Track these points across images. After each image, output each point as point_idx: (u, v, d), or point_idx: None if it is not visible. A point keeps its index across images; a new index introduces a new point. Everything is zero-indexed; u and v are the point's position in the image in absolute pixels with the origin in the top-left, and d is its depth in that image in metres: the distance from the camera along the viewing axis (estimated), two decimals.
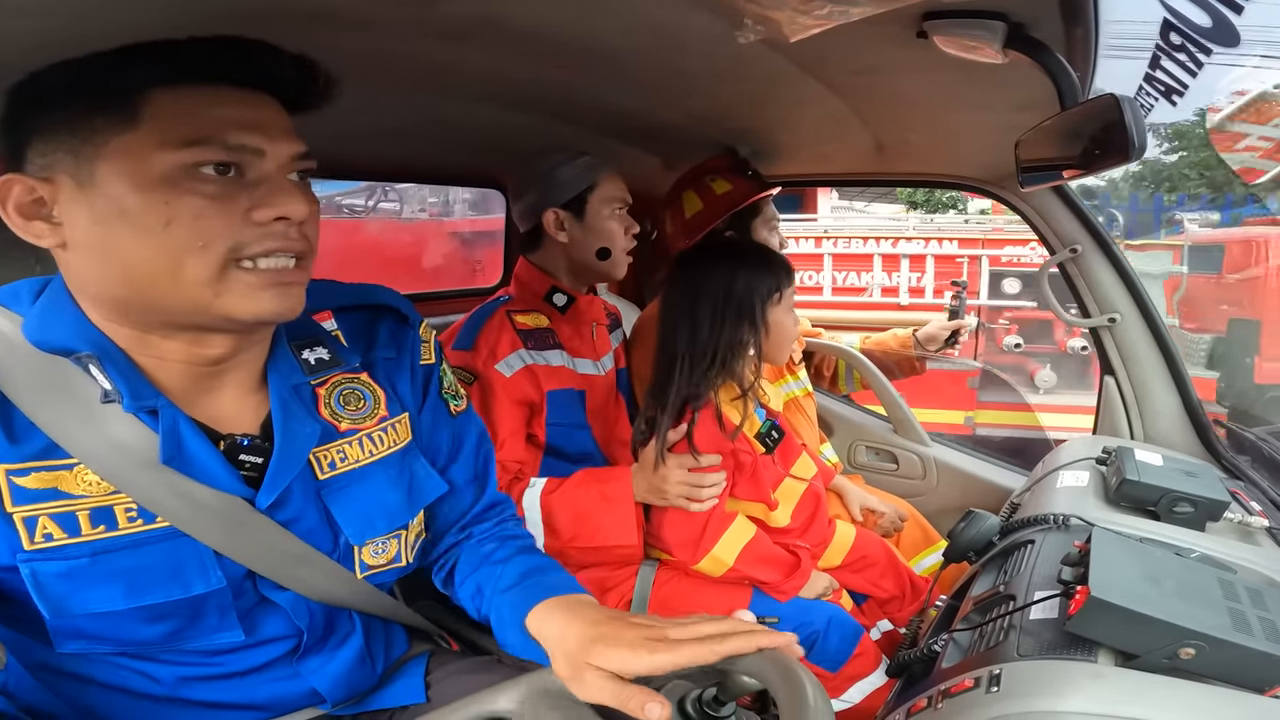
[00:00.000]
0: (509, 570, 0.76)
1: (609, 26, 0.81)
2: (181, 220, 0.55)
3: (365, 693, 0.78)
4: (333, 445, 0.71)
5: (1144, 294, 1.35)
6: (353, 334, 0.76)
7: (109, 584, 0.59)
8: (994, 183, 1.49)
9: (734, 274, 1.20)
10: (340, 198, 5.99)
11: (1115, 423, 1.40)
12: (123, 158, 0.55)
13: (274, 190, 0.58)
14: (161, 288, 0.57)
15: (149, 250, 0.55)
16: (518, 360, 1.17)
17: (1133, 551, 0.76)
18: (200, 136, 0.56)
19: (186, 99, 0.56)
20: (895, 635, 1.35)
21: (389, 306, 0.79)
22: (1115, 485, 1.03)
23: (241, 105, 0.58)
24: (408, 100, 1.07)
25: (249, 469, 0.65)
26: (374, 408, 0.75)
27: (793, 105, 1.18)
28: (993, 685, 0.68)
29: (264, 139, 0.59)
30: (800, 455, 1.38)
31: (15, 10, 0.54)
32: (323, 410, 0.71)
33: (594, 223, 1.27)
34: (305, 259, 0.62)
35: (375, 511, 0.73)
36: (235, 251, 0.57)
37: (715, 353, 1.18)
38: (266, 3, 0.62)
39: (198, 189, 0.56)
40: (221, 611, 0.65)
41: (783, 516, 1.28)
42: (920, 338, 1.90)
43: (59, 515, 0.58)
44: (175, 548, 0.61)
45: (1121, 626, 0.65)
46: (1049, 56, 0.76)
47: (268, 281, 0.59)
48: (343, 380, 0.73)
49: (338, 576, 0.71)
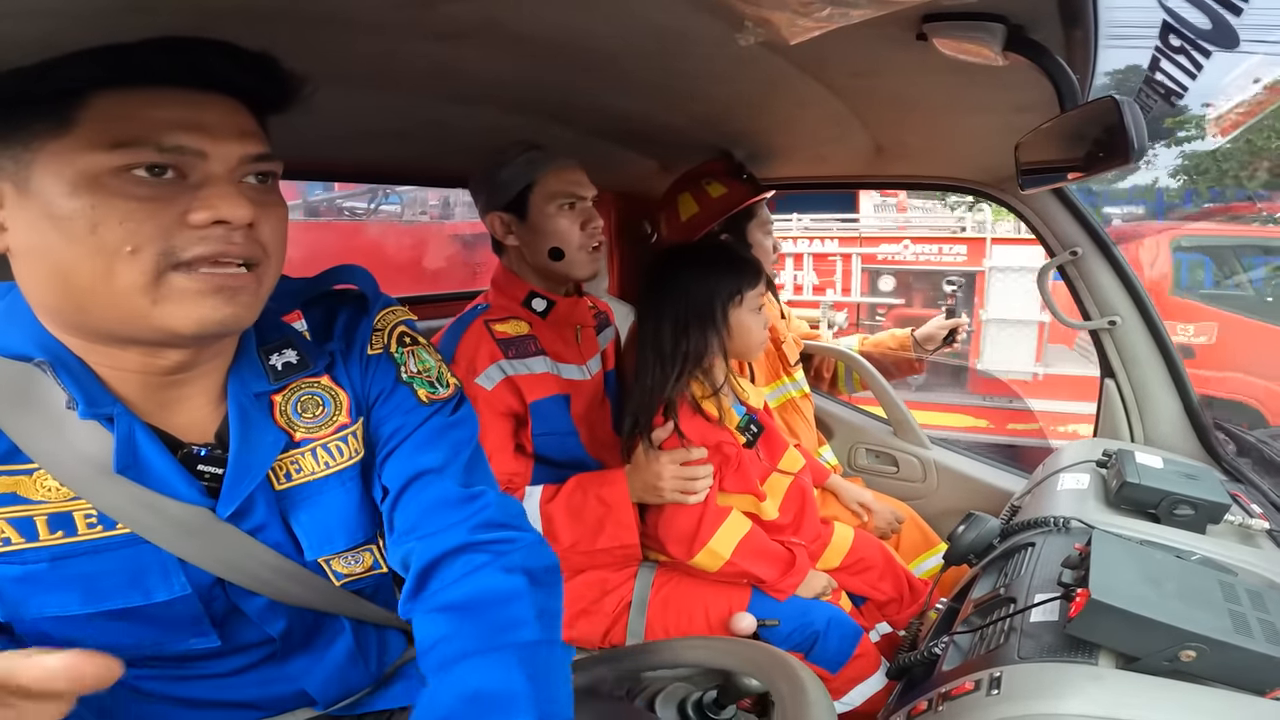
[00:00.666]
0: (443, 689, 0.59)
1: (607, 29, 0.81)
2: (108, 224, 0.52)
3: (362, 694, 0.77)
4: (287, 455, 0.68)
5: (1144, 296, 1.35)
6: (315, 330, 0.72)
7: (65, 589, 0.59)
8: (993, 185, 1.49)
9: (695, 278, 1.23)
10: (342, 200, 6.01)
11: (1115, 425, 1.40)
12: (54, 162, 0.53)
13: (214, 193, 0.55)
14: (95, 297, 0.54)
15: (78, 256, 0.53)
16: (497, 372, 1.15)
17: (1133, 554, 0.76)
18: (131, 138, 0.53)
19: (124, 102, 0.54)
20: (894, 638, 1.35)
21: (351, 292, 0.74)
22: (1116, 488, 1.03)
23: (183, 106, 0.56)
24: (406, 102, 1.06)
25: (209, 479, 0.63)
26: (333, 414, 0.70)
27: (791, 107, 1.18)
28: (993, 688, 0.68)
29: (206, 140, 0.56)
30: (786, 450, 1.38)
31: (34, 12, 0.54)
32: (278, 418, 0.68)
33: (538, 222, 1.20)
34: (259, 266, 0.59)
35: (334, 526, 0.70)
36: (169, 256, 0.54)
37: (683, 354, 1.20)
38: (264, 5, 0.62)
39: (128, 191, 0.53)
40: (194, 619, 0.64)
41: (771, 509, 1.29)
42: (918, 337, 1.91)
43: (16, 520, 0.57)
44: (136, 554, 0.61)
45: (1122, 629, 0.65)
46: (1048, 59, 0.76)
47: (209, 286, 0.55)
48: (302, 385, 0.69)
49: (313, 584, 0.70)
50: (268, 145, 0.61)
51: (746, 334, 1.26)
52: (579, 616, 1.20)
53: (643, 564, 1.24)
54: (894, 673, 0.94)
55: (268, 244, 0.60)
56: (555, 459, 1.23)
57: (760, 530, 1.24)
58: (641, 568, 1.23)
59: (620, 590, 1.21)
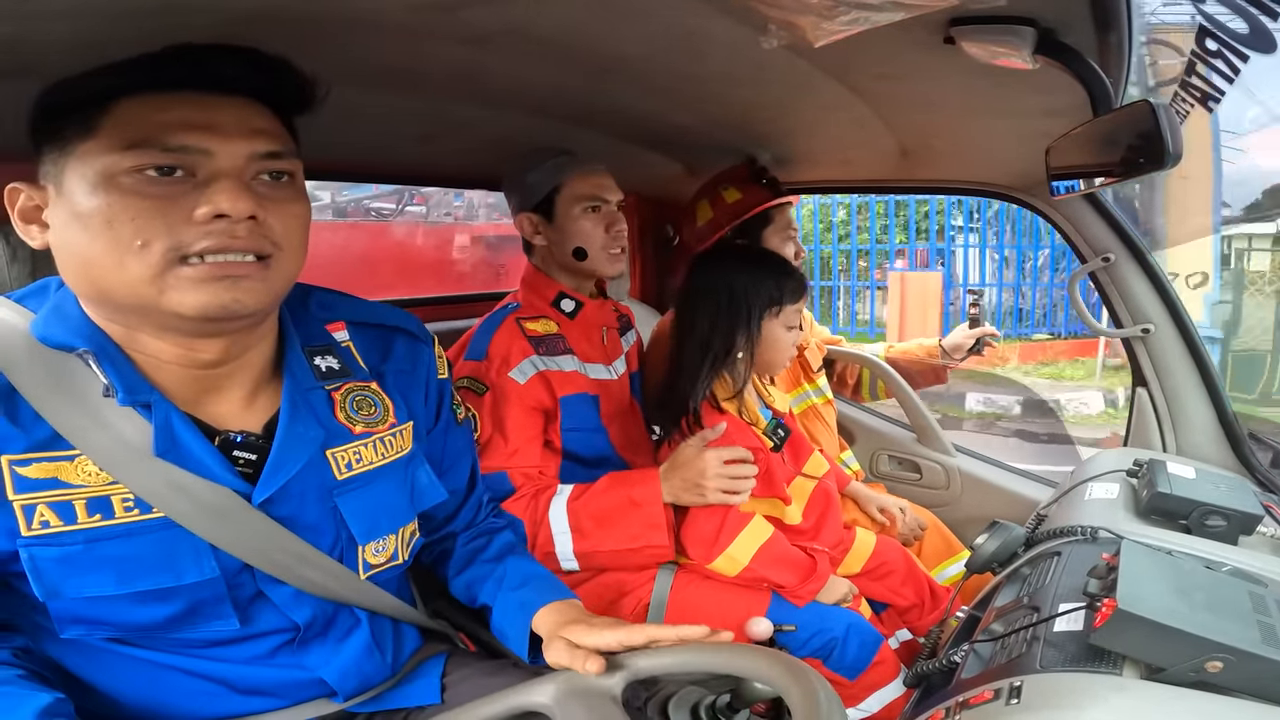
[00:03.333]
0: (510, 571, 0.86)
1: (630, 33, 0.82)
2: (121, 220, 0.57)
3: (380, 689, 0.79)
4: (349, 446, 0.73)
5: (1178, 304, 1.32)
6: (367, 346, 0.79)
7: (101, 570, 0.61)
8: (1022, 189, 1.47)
9: (738, 274, 1.23)
10: (370, 201, 6.13)
11: (1147, 435, 1.37)
12: (80, 164, 0.58)
13: (217, 188, 0.58)
14: (111, 286, 0.59)
15: (97, 250, 0.58)
16: (530, 367, 1.17)
17: (1162, 564, 0.74)
18: (141, 139, 0.57)
19: (141, 107, 0.58)
20: (914, 645, 1.34)
21: (402, 328, 0.83)
22: (1146, 498, 1.01)
23: (192, 108, 0.59)
24: (432, 105, 1.08)
25: (243, 465, 0.67)
26: (384, 414, 0.78)
27: (816, 110, 1.18)
28: (1013, 697, 0.67)
29: (212, 139, 0.59)
30: (812, 454, 1.37)
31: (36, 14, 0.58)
32: (338, 414, 0.74)
33: (564, 223, 1.25)
34: (270, 258, 0.62)
35: (381, 513, 0.76)
36: (176, 250, 0.58)
37: (714, 350, 1.20)
38: (290, 9, 0.64)
39: (140, 190, 0.57)
40: (217, 600, 0.67)
41: (795, 514, 1.28)
42: (946, 346, 1.90)
43: (56, 504, 0.60)
44: (170, 538, 0.63)
45: (1148, 639, 0.64)
46: (1081, 63, 0.75)
47: (211, 274, 0.59)
48: (354, 388, 0.76)
49: (338, 575, 0.72)
50: (284, 144, 0.64)
51: (774, 348, 1.25)
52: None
53: (663, 566, 1.24)
54: (912, 680, 0.93)
55: (279, 238, 0.62)
56: (583, 455, 1.25)
57: (781, 536, 1.23)
58: (661, 569, 1.23)
59: (639, 592, 1.21)
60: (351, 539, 0.73)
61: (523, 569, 0.86)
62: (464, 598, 0.89)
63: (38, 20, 0.60)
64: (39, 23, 0.60)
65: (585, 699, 0.64)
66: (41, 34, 0.62)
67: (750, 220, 1.54)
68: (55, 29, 0.61)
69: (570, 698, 0.64)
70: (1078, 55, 0.73)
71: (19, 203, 0.62)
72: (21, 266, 0.88)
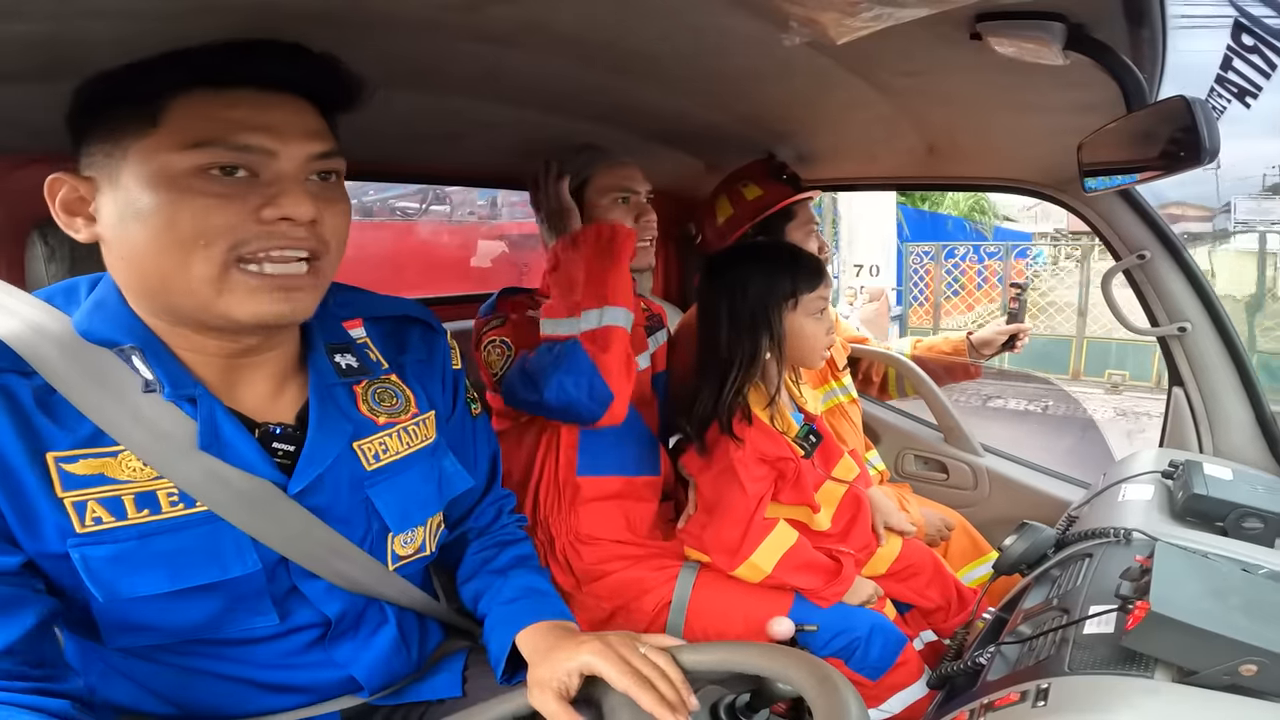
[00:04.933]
0: (509, 585, 0.83)
1: (651, 30, 0.82)
2: (183, 219, 0.57)
3: (404, 683, 0.80)
4: (375, 438, 0.74)
5: (1216, 302, 1.29)
6: (383, 339, 0.80)
7: (154, 567, 0.61)
8: (1054, 186, 1.44)
9: (750, 278, 1.20)
10: (395, 200, 6.21)
11: (1183, 436, 1.33)
12: (140, 160, 0.58)
13: (282, 191, 0.59)
14: (170, 285, 0.59)
15: (157, 248, 0.58)
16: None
17: (1197, 567, 0.73)
18: (206, 138, 0.57)
19: (202, 103, 0.58)
20: (939, 646, 1.32)
21: (417, 318, 0.83)
22: (1182, 499, 0.99)
23: (254, 106, 0.59)
24: (455, 103, 1.09)
25: (281, 457, 0.68)
26: (405, 405, 0.78)
27: (839, 107, 1.17)
28: (1040, 699, 0.66)
29: (275, 139, 0.59)
30: (841, 457, 1.36)
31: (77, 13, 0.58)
32: (361, 406, 0.75)
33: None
34: (318, 260, 0.63)
35: (412, 502, 0.76)
36: (237, 249, 0.58)
37: (736, 360, 1.18)
38: (314, 8, 0.64)
39: (204, 189, 0.57)
40: (257, 595, 0.67)
41: (824, 520, 1.27)
42: (975, 342, 1.85)
43: (106, 500, 0.60)
44: (213, 531, 0.64)
45: (1181, 642, 0.63)
46: (1113, 58, 0.73)
47: (269, 284, 0.60)
48: (375, 382, 0.77)
49: (368, 567, 0.73)
50: (333, 143, 0.65)
51: (803, 340, 1.21)
52: (616, 613, 1.22)
53: (685, 565, 1.25)
54: (936, 682, 0.93)
55: (328, 239, 0.64)
56: (595, 445, 1.24)
57: (806, 543, 1.22)
58: (684, 568, 1.24)
59: (660, 591, 1.22)
60: (383, 529, 0.74)
61: (522, 583, 0.83)
62: (470, 607, 0.87)
63: (75, 19, 0.60)
64: (76, 21, 0.60)
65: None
66: (79, 32, 0.62)
67: (772, 217, 1.54)
68: (93, 27, 0.61)
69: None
70: (1109, 50, 0.72)
71: (61, 194, 0.61)
72: (59, 265, 0.89)
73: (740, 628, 1.17)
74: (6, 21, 0.59)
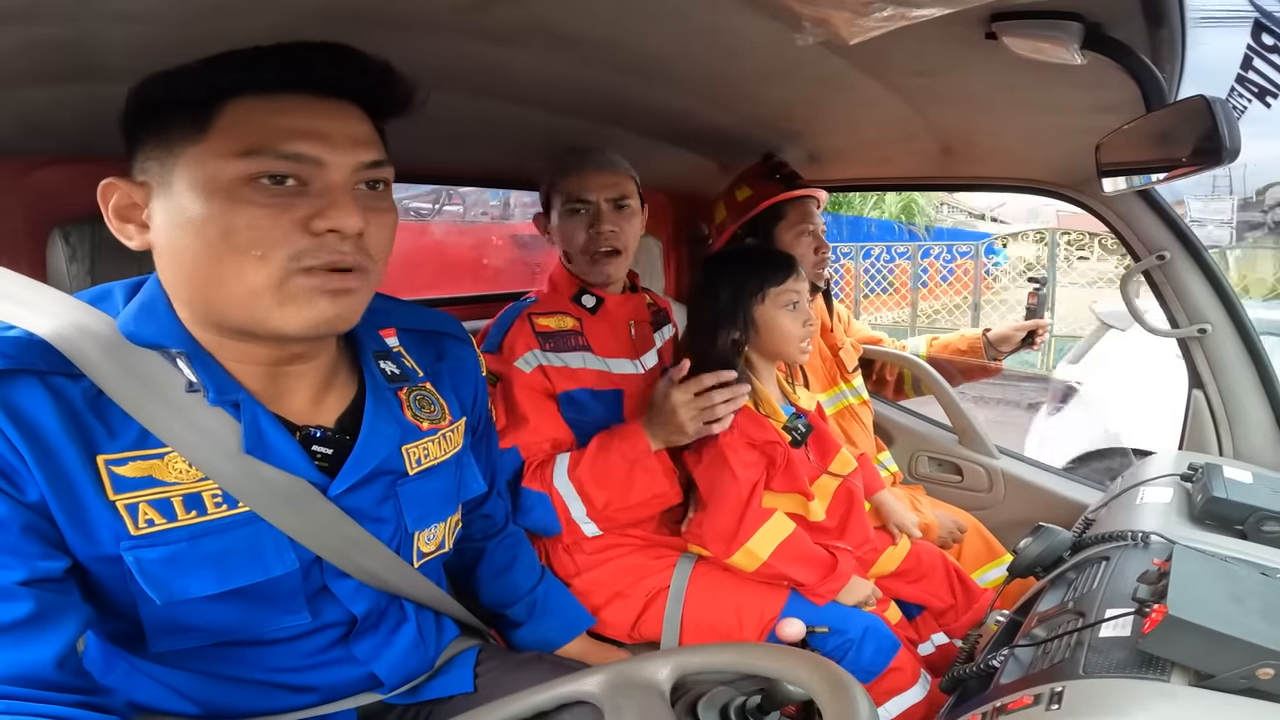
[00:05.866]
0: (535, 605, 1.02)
1: (661, 30, 0.82)
2: (237, 229, 0.56)
3: (420, 680, 0.81)
4: (420, 443, 0.76)
5: (1237, 304, 1.27)
6: (418, 347, 0.82)
7: (202, 568, 0.62)
8: (1070, 186, 1.43)
9: (723, 281, 1.24)
10: (409, 200, 6.26)
11: (1203, 438, 1.31)
12: (192, 167, 0.57)
13: (331, 202, 0.58)
14: (223, 294, 0.59)
15: (210, 257, 0.57)
16: (533, 358, 1.20)
17: (1216, 570, 0.72)
18: (255, 147, 0.56)
19: (252, 110, 0.57)
20: (950, 649, 1.31)
21: (448, 332, 0.86)
22: (1200, 503, 0.98)
23: (304, 114, 0.58)
24: (465, 104, 1.09)
25: (320, 459, 0.68)
26: (442, 413, 0.81)
27: (852, 107, 1.17)
28: (1054, 702, 0.66)
29: (325, 148, 0.59)
30: (838, 452, 1.35)
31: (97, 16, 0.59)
32: (407, 412, 0.76)
33: (555, 224, 1.28)
34: (363, 271, 0.62)
35: (433, 504, 0.78)
36: (295, 260, 0.58)
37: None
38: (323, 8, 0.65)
39: (254, 199, 0.57)
40: (292, 594, 0.68)
41: (818, 510, 1.27)
42: (992, 339, 1.82)
43: (157, 501, 0.60)
44: (255, 532, 0.64)
45: (1199, 645, 0.62)
46: (1131, 57, 0.73)
47: (326, 289, 0.59)
48: (415, 389, 0.79)
49: (394, 566, 0.74)
50: (382, 152, 0.64)
51: (775, 331, 1.23)
52: (612, 600, 1.21)
53: (683, 556, 1.25)
54: (948, 685, 0.92)
55: (375, 250, 0.63)
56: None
57: (803, 533, 1.22)
58: (681, 559, 1.24)
59: (657, 577, 1.22)
60: (408, 528, 0.76)
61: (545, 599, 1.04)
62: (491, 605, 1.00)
63: (95, 22, 0.60)
64: (97, 24, 0.61)
65: (634, 693, 0.63)
66: (100, 36, 0.62)
67: (761, 218, 1.51)
68: (113, 30, 0.61)
69: (619, 690, 0.64)
70: (1128, 50, 0.72)
71: (114, 199, 0.61)
72: (80, 265, 0.89)
73: (733, 621, 1.17)
74: (27, 24, 0.59)
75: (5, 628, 0.53)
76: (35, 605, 0.54)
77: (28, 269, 0.92)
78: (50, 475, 0.56)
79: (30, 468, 0.55)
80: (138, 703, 0.70)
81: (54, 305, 0.62)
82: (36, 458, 0.55)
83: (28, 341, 0.58)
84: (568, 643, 1.05)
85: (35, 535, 0.56)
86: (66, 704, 0.54)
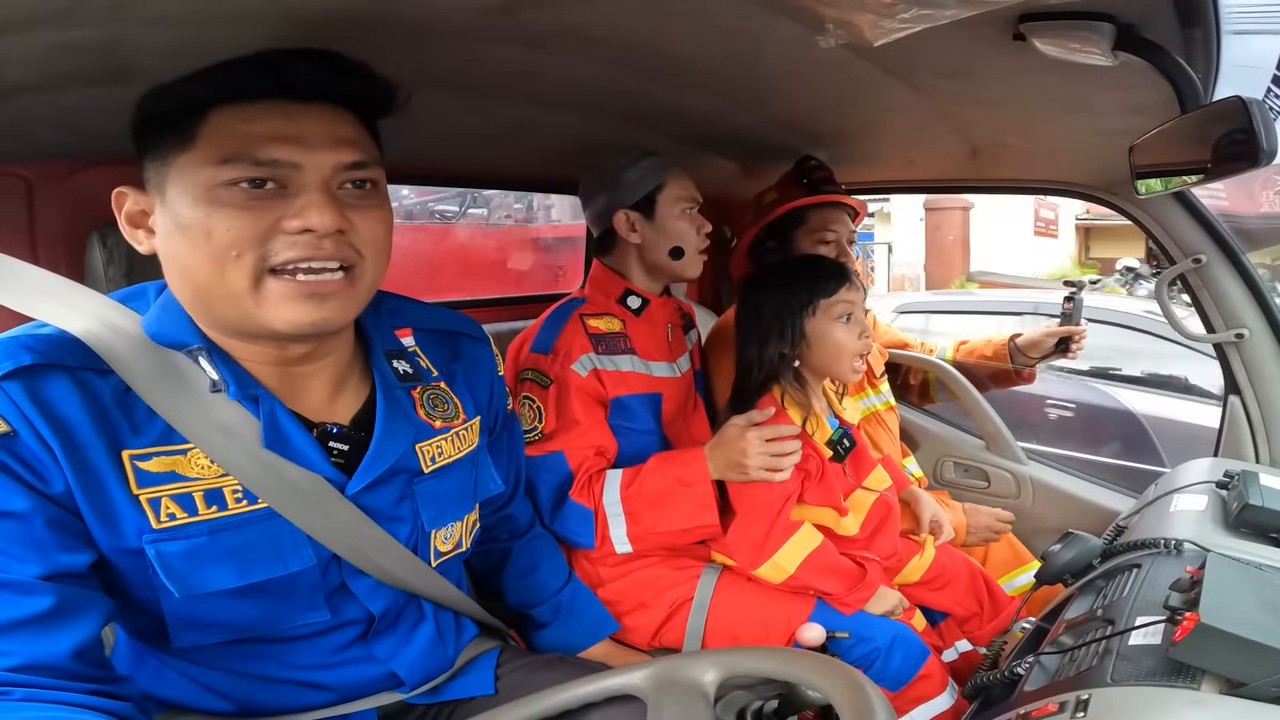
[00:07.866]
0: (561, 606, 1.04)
1: (686, 33, 0.82)
2: (218, 232, 0.59)
3: (440, 681, 0.81)
4: (433, 441, 0.77)
5: (1275, 308, 1.23)
6: (433, 347, 0.83)
7: (223, 562, 0.63)
8: (1104, 189, 1.41)
9: (769, 293, 1.22)
10: (434, 203, 6.35)
11: (1240, 445, 1.28)
12: (182, 175, 0.60)
13: (305, 202, 0.60)
14: (214, 296, 0.61)
15: (198, 260, 0.60)
16: (589, 362, 1.20)
17: (1250, 578, 0.70)
18: (233, 154, 0.59)
19: (231, 118, 0.60)
20: (974, 656, 1.29)
21: (464, 332, 0.87)
22: (1236, 510, 0.95)
23: (280, 119, 0.60)
24: (492, 107, 1.10)
25: (337, 456, 0.69)
26: (456, 411, 0.81)
27: (877, 110, 1.16)
28: (1079, 711, 0.65)
29: (300, 151, 0.60)
30: (874, 468, 1.33)
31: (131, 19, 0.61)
32: (419, 411, 0.77)
33: (664, 222, 1.26)
34: (354, 268, 0.63)
35: (448, 502, 0.79)
36: (265, 260, 0.60)
37: (764, 368, 1.20)
38: (353, 14, 0.66)
39: (235, 202, 0.59)
40: (311, 591, 0.69)
41: (852, 525, 1.25)
42: (1021, 345, 1.74)
43: (179, 496, 0.62)
44: (274, 528, 0.65)
45: (1231, 654, 0.61)
46: (1165, 58, 0.72)
47: (301, 292, 0.61)
48: (429, 388, 0.80)
49: (411, 565, 0.75)
50: (368, 152, 0.66)
51: (829, 345, 1.19)
52: (635, 609, 1.21)
53: (708, 565, 1.24)
54: (971, 691, 0.91)
55: (363, 247, 0.64)
56: (625, 453, 1.25)
57: (830, 545, 1.20)
58: (706, 569, 1.23)
59: (681, 588, 1.21)
60: (425, 527, 0.76)
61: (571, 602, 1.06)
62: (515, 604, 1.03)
63: (130, 25, 0.62)
64: (131, 27, 0.63)
65: (678, 691, 0.63)
66: (135, 38, 0.65)
67: (785, 223, 1.49)
68: (148, 33, 0.63)
69: (664, 687, 0.63)
70: (1161, 50, 0.70)
71: (126, 207, 0.64)
72: (117, 268, 0.92)
73: (759, 630, 1.16)
74: (63, 27, 0.62)
75: (25, 621, 0.55)
76: (55, 600, 0.56)
77: (66, 270, 0.94)
78: (77, 467, 0.58)
79: (59, 459, 0.57)
80: (167, 699, 0.71)
81: (87, 303, 0.65)
82: (64, 449, 0.58)
83: (60, 338, 0.61)
84: (591, 646, 1.06)
85: (59, 529, 0.58)
86: (81, 692, 0.56)
